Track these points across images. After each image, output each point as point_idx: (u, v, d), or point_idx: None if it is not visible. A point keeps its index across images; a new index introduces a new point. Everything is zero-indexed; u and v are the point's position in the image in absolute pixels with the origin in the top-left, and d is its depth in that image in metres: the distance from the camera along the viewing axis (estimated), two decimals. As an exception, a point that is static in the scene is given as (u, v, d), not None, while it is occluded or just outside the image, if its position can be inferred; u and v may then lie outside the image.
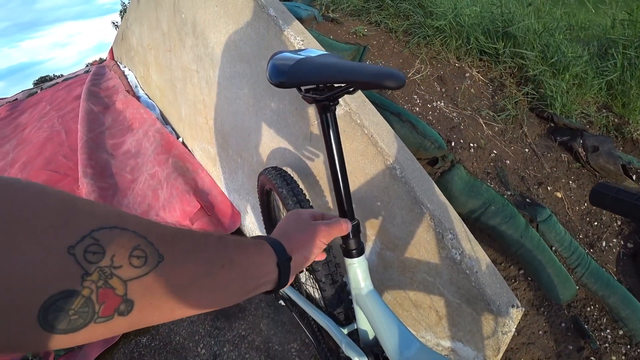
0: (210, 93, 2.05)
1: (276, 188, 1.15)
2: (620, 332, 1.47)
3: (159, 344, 1.71)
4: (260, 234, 1.93)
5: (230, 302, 0.37)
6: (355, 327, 0.85)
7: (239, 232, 2.12)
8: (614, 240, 1.71)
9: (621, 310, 1.39)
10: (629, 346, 1.46)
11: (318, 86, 0.66)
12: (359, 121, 1.13)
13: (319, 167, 1.34)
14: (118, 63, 5.16)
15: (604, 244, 1.66)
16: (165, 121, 3.13)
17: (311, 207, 1.06)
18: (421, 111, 1.59)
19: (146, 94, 3.75)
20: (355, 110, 1.15)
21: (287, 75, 0.64)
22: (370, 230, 1.20)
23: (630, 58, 2.28)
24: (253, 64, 1.63)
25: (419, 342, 0.52)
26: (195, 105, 2.32)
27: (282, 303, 1.46)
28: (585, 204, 1.70)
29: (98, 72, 5.25)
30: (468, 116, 1.67)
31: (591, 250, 1.62)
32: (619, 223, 1.76)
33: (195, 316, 1.79)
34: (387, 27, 2.27)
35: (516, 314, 1.02)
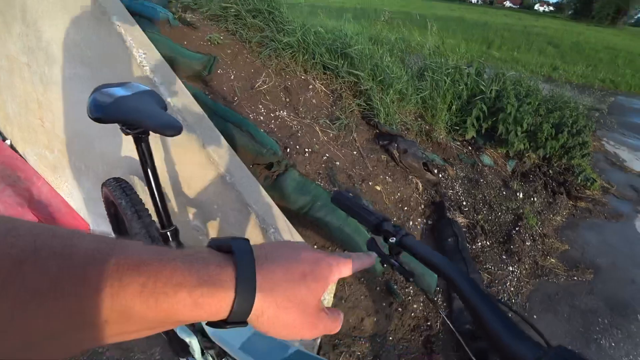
0: (46, 92, 1.88)
1: (116, 199, 1.20)
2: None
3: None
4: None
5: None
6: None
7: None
8: (419, 219, 2.25)
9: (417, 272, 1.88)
10: (423, 298, 1.99)
11: None
12: (194, 135, 1.26)
13: (164, 175, 1.42)
14: None
15: (411, 223, 2.17)
16: (-22, 116, 2.62)
17: (153, 220, 1.12)
18: (265, 120, 1.81)
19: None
20: (191, 124, 1.27)
21: (104, 112, 0.74)
22: (212, 230, 1.36)
23: (437, 80, 2.98)
24: (95, 69, 1.59)
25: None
26: (28, 104, 2.07)
27: None
28: (399, 194, 2.20)
29: None
30: (307, 124, 1.97)
31: (401, 229, 2.11)
32: (423, 207, 2.33)
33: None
34: (242, 37, 2.42)
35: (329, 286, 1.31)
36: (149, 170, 0.81)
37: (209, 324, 0.31)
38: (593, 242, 2.60)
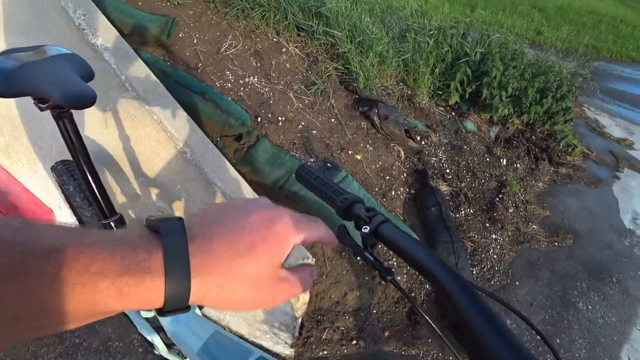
0: (-16, 65, 1.67)
1: (63, 185, 1.07)
2: (402, 260, 1.94)
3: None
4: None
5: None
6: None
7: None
8: (401, 189, 2.18)
9: (400, 244, 1.83)
10: (407, 267, 1.95)
11: None
12: (147, 107, 1.10)
13: (119, 153, 1.27)
14: None
15: (393, 193, 2.10)
16: None
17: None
18: (233, 87, 1.65)
19: None
20: (143, 95, 1.12)
21: (5, 83, 0.59)
22: (178, 212, 1.24)
23: (420, 42, 2.82)
24: (30, 37, 1.40)
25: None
26: (-34, 80, 1.85)
27: None
28: (380, 163, 2.11)
29: None
30: (279, 91, 1.82)
31: (383, 199, 2.03)
32: (405, 175, 2.25)
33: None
34: (206, -4, 2.18)
35: (309, 263, 1.23)
36: (77, 153, 0.67)
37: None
38: (573, 208, 2.61)
